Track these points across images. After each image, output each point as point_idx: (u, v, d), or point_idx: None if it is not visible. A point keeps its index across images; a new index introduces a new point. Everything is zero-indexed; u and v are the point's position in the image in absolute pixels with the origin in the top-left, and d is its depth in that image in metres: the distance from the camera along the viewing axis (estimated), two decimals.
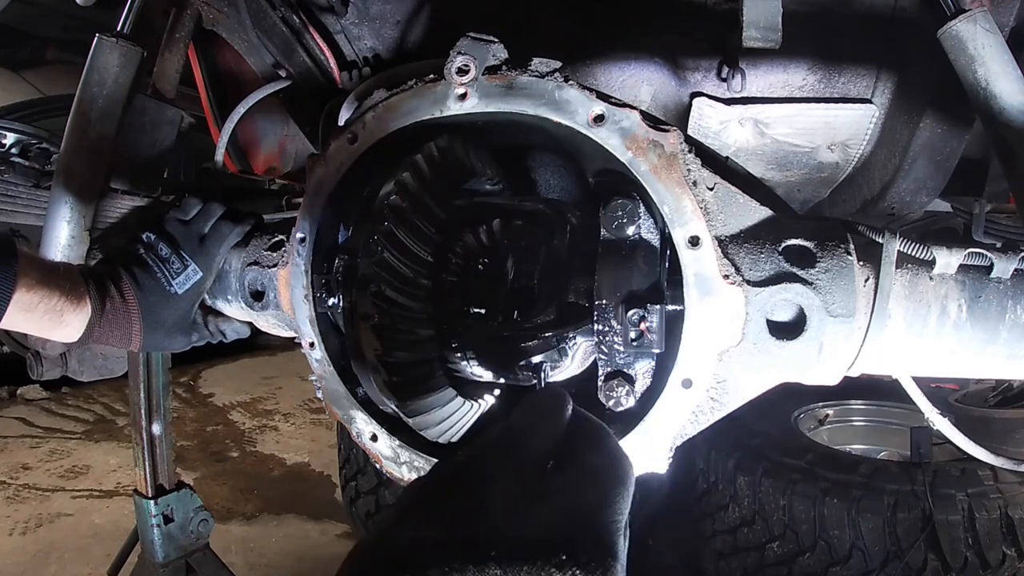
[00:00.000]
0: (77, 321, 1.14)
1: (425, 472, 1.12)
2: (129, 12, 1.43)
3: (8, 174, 1.71)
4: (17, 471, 4.35)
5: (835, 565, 2.33)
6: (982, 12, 0.98)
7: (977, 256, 0.90)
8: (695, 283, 0.92)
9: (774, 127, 1.36)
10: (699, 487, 2.79)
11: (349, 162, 1.13)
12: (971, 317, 0.91)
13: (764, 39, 1.05)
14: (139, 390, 2.19)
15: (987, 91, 0.97)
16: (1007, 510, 2.18)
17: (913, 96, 1.30)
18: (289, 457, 4.64)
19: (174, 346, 1.30)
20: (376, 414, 1.16)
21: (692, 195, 0.92)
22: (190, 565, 2.28)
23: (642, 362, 1.02)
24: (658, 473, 0.97)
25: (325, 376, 1.19)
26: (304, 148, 2.01)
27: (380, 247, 0.99)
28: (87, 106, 1.36)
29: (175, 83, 1.58)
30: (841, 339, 0.90)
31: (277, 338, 1.45)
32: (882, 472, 2.38)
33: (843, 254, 0.91)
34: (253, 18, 1.55)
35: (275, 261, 1.26)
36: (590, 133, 0.96)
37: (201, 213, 1.29)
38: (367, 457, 1.20)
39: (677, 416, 0.95)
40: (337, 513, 3.79)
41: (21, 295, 1.04)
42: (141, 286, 1.21)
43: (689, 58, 1.33)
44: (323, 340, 1.18)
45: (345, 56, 1.53)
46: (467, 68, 1.01)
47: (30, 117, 2.73)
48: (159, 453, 2.22)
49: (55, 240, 1.34)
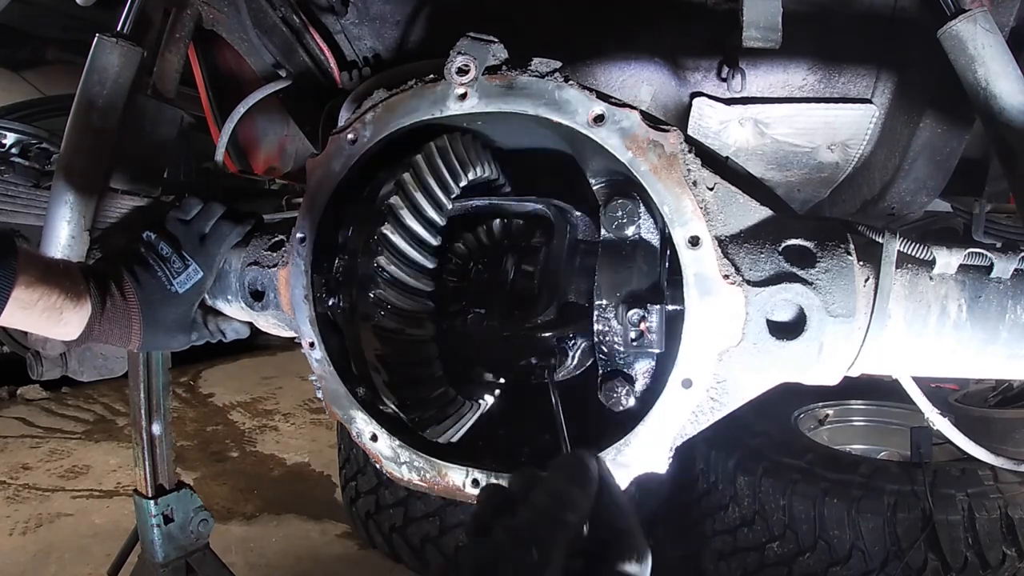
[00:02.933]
0: (77, 319, 1.14)
1: (425, 472, 1.12)
2: (129, 12, 1.43)
3: (8, 174, 1.71)
4: (17, 471, 4.34)
5: (835, 565, 2.33)
6: (982, 12, 0.98)
7: (977, 256, 0.90)
8: (695, 283, 0.92)
9: (774, 127, 1.36)
10: (699, 487, 2.80)
11: (349, 162, 1.13)
12: (971, 317, 0.91)
13: (764, 39, 1.05)
14: (139, 390, 2.19)
15: (987, 91, 0.97)
16: (1007, 510, 2.18)
17: (913, 96, 1.30)
18: (289, 457, 4.64)
19: (174, 345, 1.30)
20: (376, 414, 1.16)
21: (692, 195, 0.92)
22: (190, 565, 2.28)
23: (642, 362, 1.02)
24: (658, 473, 0.98)
25: (325, 376, 1.19)
26: (304, 148, 2.01)
27: (380, 247, 0.99)
28: (87, 106, 1.35)
29: (175, 83, 1.58)
30: (841, 339, 0.90)
31: (277, 338, 1.45)
32: (882, 472, 2.38)
33: (843, 254, 0.91)
34: (253, 18, 1.55)
35: (275, 261, 1.26)
36: (590, 133, 0.96)
37: (202, 213, 1.29)
38: (367, 457, 1.20)
39: (677, 416, 0.95)
40: (337, 513, 3.79)
41: (20, 292, 1.03)
42: (142, 285, 1.21)
43: (689, 58, 1.33)
44: (323, 340, 1.18)
45: (345, 56, 1.53)
46: (467, 68, 1.01)
47: (30, 117, 2.72)
48: (159, 453, 2.22)
49: (55, 240, 1.33)
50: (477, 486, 1.08)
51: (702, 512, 2.76)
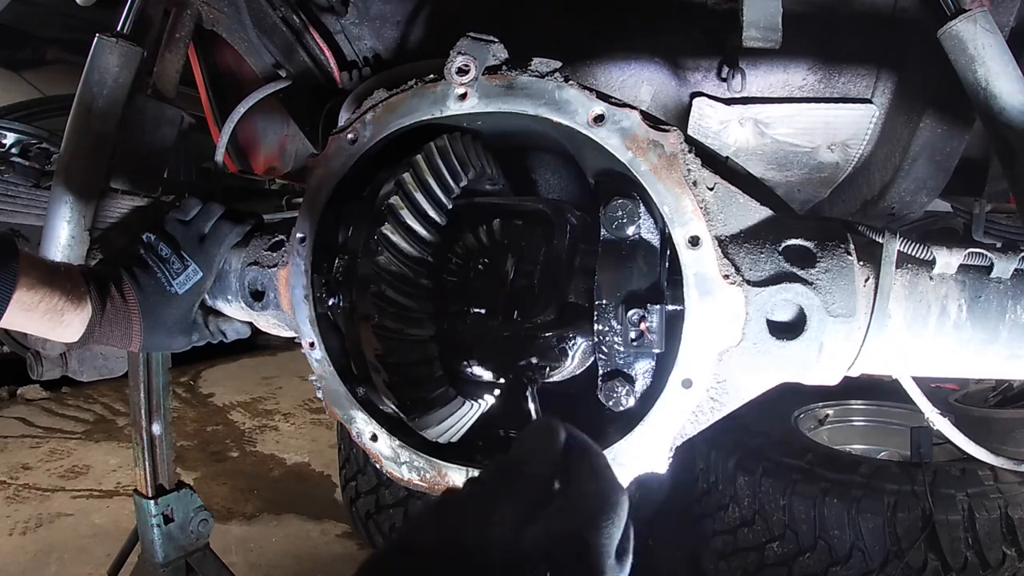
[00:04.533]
0: (78, 321, 1.14)
1: (425, 472, 1.12)
2: (129, 12, 1.43)
3: (8, 174, 1.71)
4: (17, 471, 4.34)
5: (835, 565, 2.33)
6: (982, 12, 0.97)
7: (977, 256, 0.90)
8: (695, 283, 0.92)
9: (774, 127, 1.36)
10: (699, 487, 2.79)
11: (349, 162, 1.13)
12: (971, 317, 0.91)
13: (764, 39, 1.05)
14: (139, 390, 2.19)
15: (987, 91, 0.97)
16: (1007, 510, 2.18)
17: (913, 96, 1.30)
18: (289, 457, 4.64)
19: (174, 346, 1.30)
20: (376, 414, 1.16)
21: (692, 195, 0.92)
22: (190, 565, 2.28)
23: (642, 362, 1.02)
24: (658, 473, 0.98)
25: (325, 376, 1.19)
26: (304, 148, 2.01)
27: (380, 247, 0.99)
28: (87, 106, 1.35)
29: (175, 83, 1.58)
30: (841, 339, 0.90)
31: (277, 338, 1.45)
32: (882, 472, 2.38)
33: (843, 254, 0.91)
34: (253, 18, 1.55)
35: (275, 261, 1.26)
36: (590, 133, 0.96)
37: (201, 213, 1.29)
38: (367, 457, 1.20)
39: (677, 416, 0.95)
40: (337, 513, 3.79)
41: (22, 294, 1.04)
42: (141, 286, 1.21)
43: (689, 58, 1.33)
44: (323, 340, 1.18)
45: (345, 56, 1.53)
46: (467, 68, 1.01)
47: (30, 117, 2.72)
48: (159, 453, 2.22)
49: (55, 240, 1.33)
50: None
51: (702, 512, 2.76)
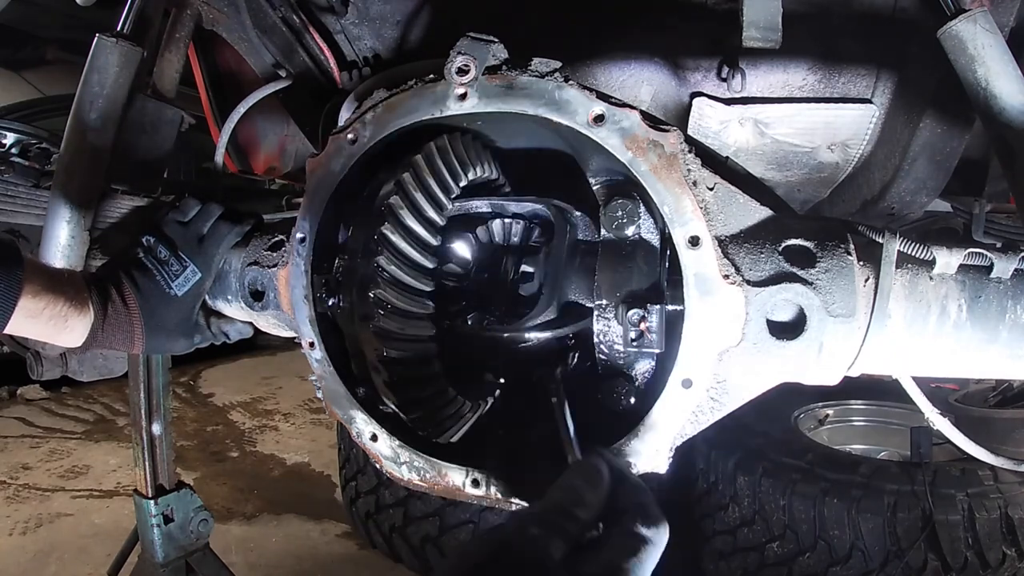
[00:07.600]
0: (80, 327, 1.14)
1: (425, 472, 1.12)
2: (129, 12, 1.43)
3: (8, 174, 1.71)
4: (17, 471, 4.35)
5: (835, 565, 2.33)
6: (982, 12, 0.97)
7: (977, 256, 0.90)
8: (695, 283, 0.92)
9: (774, 127, 1.35)
10: (699, 487, 2.80)
11: (349, 162, 1.13)
12: (971, 317, 0.91)
13: (764, 39, 1.05)
14: (139, 390, 2.19)
15: (987, 91, 0.97)
16: (1007, 510, 2.19)
17: (913, 96, 1.30)
18: (289, 457, 4.64)
19: (177, 349, 1.30)
20: (376, 414, 1.16)
21: (692, 195, 0.92)
22: (190, 565, 2.28)
23: (642, 362, 1.02)
24: (658, 473, 0.97)
25: (325, 376, 1.19)
26: (304, 148, 2.01)
27: (380, 247, 0.99)
28: (87, 106, 1.35)
29: (175, 83, 1.58)
30: (841, 339, 0.90)
31: (277, 338, 1.45)
32: (882, 472, 2.38)
33: (843, 254, 0.91)
34: (253, 18, 1.55)
35: (275, 261, 1.26)
36: (590, 133, 0.96)
37: (200, 214, 1.29)
38: (367, 457, 1.20)
39: (677, 416, 0.95)
40: (337, 513, 3.79)
41: (26, 301, 1.04)
42: (141, 289, 1.21)
43: (689, 58, 1.33)
44: (323, 340, 1.18)
45: (345, 56, 1.53)
46: (467, 68, 1.01)
47: (30, 117, 2.73)
48: (159, 453, 2.22)
49: (55, 240, 1.33)
50: (477, 486, 1.08)
51: (702, 512, 2.76)
